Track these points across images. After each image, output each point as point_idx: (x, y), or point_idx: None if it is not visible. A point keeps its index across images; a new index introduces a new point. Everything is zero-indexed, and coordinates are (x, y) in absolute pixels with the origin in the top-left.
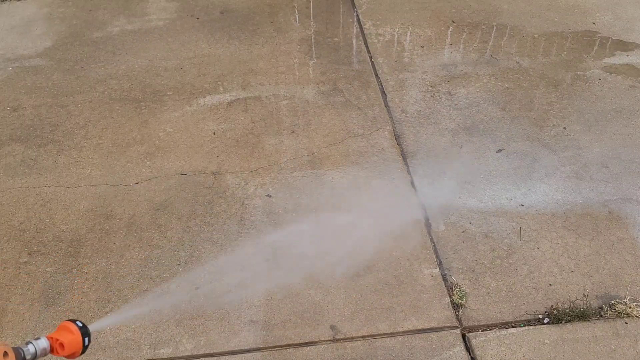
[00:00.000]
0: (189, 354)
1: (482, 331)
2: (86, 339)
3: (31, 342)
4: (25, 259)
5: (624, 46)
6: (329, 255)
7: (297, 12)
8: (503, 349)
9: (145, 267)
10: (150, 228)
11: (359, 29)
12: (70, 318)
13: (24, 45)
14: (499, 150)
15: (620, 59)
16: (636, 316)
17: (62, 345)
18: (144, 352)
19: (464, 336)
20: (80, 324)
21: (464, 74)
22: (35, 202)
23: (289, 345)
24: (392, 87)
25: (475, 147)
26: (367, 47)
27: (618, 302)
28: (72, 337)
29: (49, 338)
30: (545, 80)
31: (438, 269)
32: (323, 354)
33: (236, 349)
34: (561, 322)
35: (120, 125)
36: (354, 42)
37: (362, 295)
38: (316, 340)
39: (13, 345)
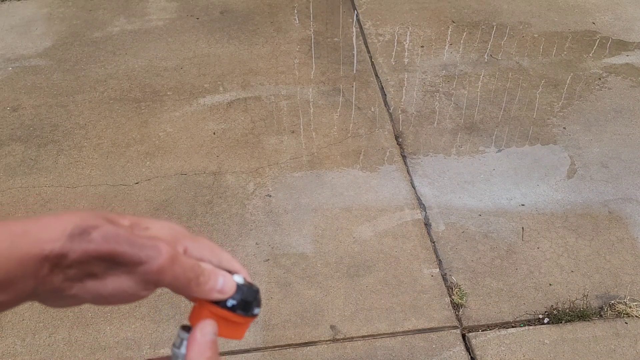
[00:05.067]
0: None
1: (482, 331)
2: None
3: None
4: None
5: (624, 46)
6: (329, 255)
7: (297, 12)
8: (503, 348)
9: None
10: None
11: (359, 29)
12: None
13: (24, 45)
14: (499, 150)
15: (620, 59)
16: (636, 316)
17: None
18: (144, 352)
19: (464, 336)
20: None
21: (464, 74)
22: (35, 202)
23: (289, 345)
24: (392, 87)
25: (475, 147)
26: (367, 47)
27: (618, 302)
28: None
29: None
30: (545, 80)
31: (438, 269)
32: (323, 354)
33: (236, 349)
34: (561, 322)
35: (120, 125)
36: (354, 42)
37: (362, 295)
38: (316, 340)
39: None
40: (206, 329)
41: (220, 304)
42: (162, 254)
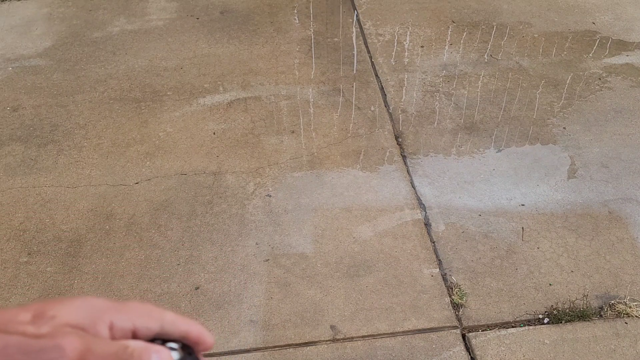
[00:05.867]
0: None
1: (482, 331)
2: None
3: None
4: (25, 259)
5: (624, 46)
6: (329, 255)
7: (297, 12)
8: (503, 349)
9: (145, 267)
10: (150, 228)
11: (359, 29)
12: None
13: (24, 45)
14: (499, 150)
15: (620, 59)
16: (636, 316)
17: None
18: None
19: (464, 336)
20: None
21: (464, 74)
22: (35, 202)
23: (289, 345)
24: (392, 87)
25: (475, 147)
26: (367, 47)
27: (618, 302)
28: None
29: None
30: (545, 80)
31: (438, 269)
32: (323, 354)
33: (236, 349)
34: (561, 322)
35: (120, 125)
36: (354, 42)
37: (362, 295)
38: (316, 340)
39: None
40: None
41: None
42: (67, 353)
